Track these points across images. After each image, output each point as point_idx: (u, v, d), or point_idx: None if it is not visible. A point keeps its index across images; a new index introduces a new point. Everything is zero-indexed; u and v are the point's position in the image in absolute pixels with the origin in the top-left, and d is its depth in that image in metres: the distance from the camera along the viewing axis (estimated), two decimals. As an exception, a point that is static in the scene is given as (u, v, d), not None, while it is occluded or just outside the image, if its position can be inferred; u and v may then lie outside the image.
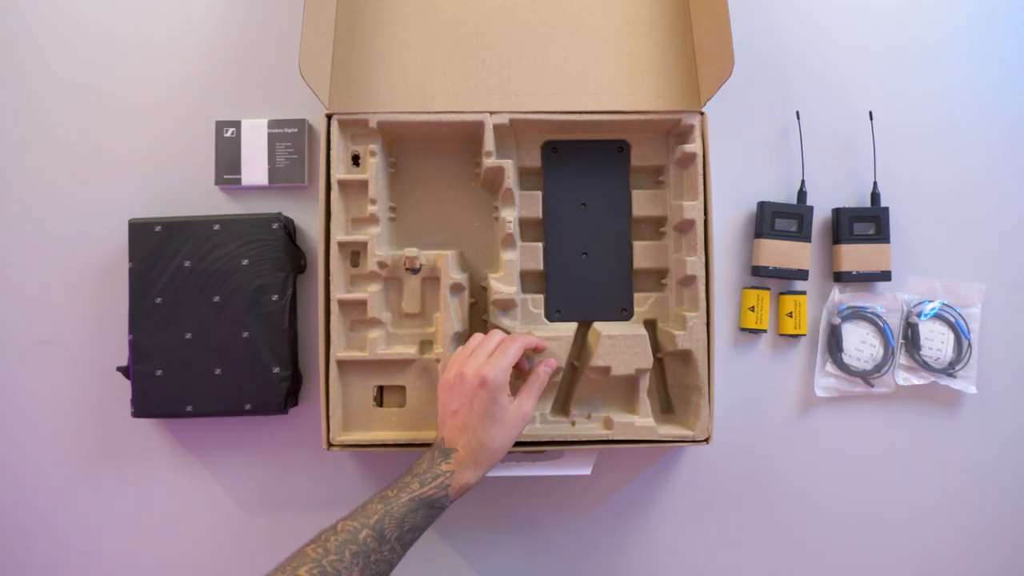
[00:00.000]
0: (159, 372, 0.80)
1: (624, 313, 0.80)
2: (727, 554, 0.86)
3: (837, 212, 0.85)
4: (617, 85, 0.81)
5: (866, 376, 0.85)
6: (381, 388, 0.80)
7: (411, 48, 0.81)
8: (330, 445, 0.76)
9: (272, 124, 0.85)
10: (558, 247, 0.81)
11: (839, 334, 0.85)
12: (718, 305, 0.85)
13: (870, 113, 0.86)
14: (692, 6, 0.83)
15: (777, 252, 0.84)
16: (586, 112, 0.79)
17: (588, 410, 0.81)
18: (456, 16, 0.82)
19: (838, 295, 0.86)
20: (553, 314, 0.81)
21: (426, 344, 0.81)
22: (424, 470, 0.67)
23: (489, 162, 0.79)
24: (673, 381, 0.83)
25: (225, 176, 0.85)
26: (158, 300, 0.80)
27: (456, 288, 0.79)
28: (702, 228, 0.78)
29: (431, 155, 0.84)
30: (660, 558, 0.86)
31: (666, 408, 0.83)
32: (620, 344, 0.77)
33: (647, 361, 0.77)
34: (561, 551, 0.86)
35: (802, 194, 0.85)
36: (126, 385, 0.81)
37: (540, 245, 0.82)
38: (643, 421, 0.77)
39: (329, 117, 0.78)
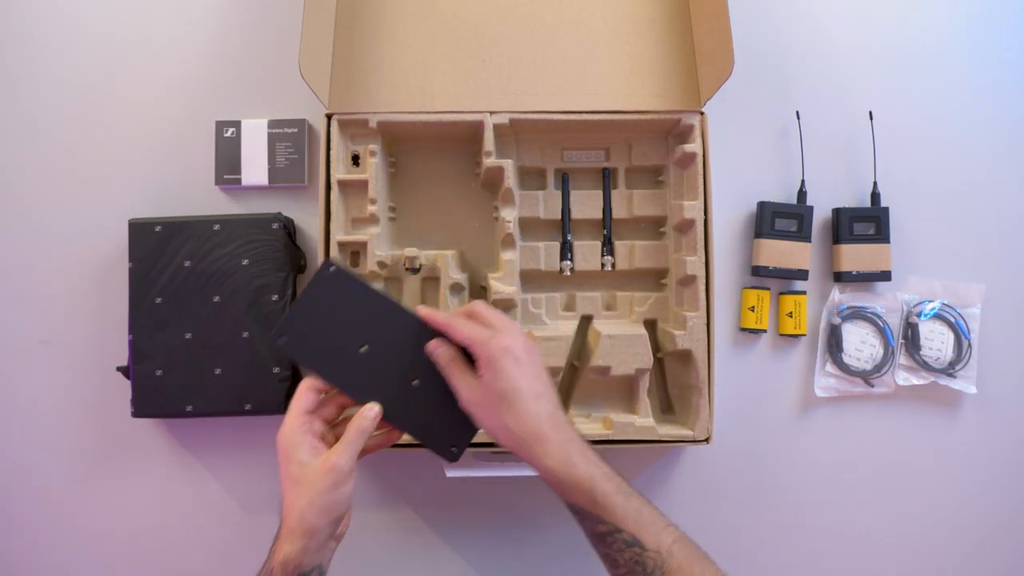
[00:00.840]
0: (159, 372, 0.80)
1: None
2: (727, 554, 0.85)
3: (837, 212, 0.85)
4: (617, 85, 0.81)
5: (866, 376, 0.85)
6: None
7: (411, 48, 0.81)
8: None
9: (272, 124, 0.85)
10: (390, 397, 0.62)
11: (839, 334, 0.85)
12: (718, 305, 0.84)
13: (870, 113, 0.86)
14: (692, 6, 0.83)
15: (777, 252, 0.84)
16: (586, 112, 0.79)
17: (588, 410, 0.81)
18: (456, 16, 0.82)
19: (838, 295, 0.86)
20: (451, 453, 0.65)
21: (426, 344, 0.80)
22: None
23: (489, 162, 0.79)
24: (673, 381, 0.83)
25: (225, 176, 0.85)
26: (158, 300, 0.80)
27: (456, 288, 0.79)
28: (702, 228, 0.78)
29: (431, 155, 0.84)
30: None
31: (666, 408, 0.83)
32: (620, 344, 0.77)
33: (647, 361, 0.77)
34: (561, 550, 0.86)
35: (802, 194, 0.85)
36: (126, 385, 0.81)
37: (541, 245, 0.82)
38: (643, 421, 0.77)
39: (329, 117, 0.78)
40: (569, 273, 0.82)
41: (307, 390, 0.62)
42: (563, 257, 0.82)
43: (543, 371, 0.61)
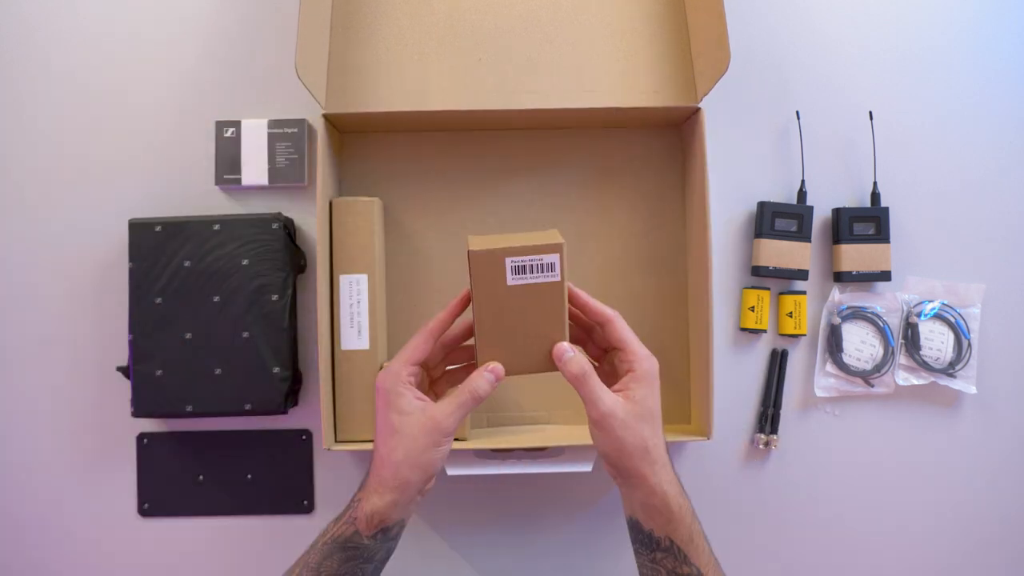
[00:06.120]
0: (159, 372, 0.80)
1: None
2: (726, 552, 0.86)
3: (837, 212, 0.85)
4: (613, 81, 0.81)
5: (866, 376, 0.85)
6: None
7: (407, 47, 0.81)
8: (330, 445, 0.76)
9: (272, 124, 0.85)
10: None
11: (839, 334, 0.85)
12: (718, 305, 0.84)
13: (870, 113, 0.86)
14: (687, 1, 0.82)
15: (777, 252, 0.84)
16: (583, 109, 0.79)
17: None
18: (451, 15, 0.82)
19: (838, 295, 0.86)
20: None
21: (426, 344, 0.80)
22: (342, 508, 0.61)
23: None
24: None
25: (225, 176, 0.85)
26: (158, 300, 0.80)
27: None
28: (701, 224, 0.78)
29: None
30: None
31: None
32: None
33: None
34: (562, 548, 0.86)
35: (802, 194, 0.85)
36: (126, 385, 0.81)
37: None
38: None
39: (326, 117, 0.78)
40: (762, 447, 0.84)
41: (426, 339, 0.60)
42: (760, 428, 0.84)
43: None
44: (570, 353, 0.58)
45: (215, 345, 0.80)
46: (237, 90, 0.87)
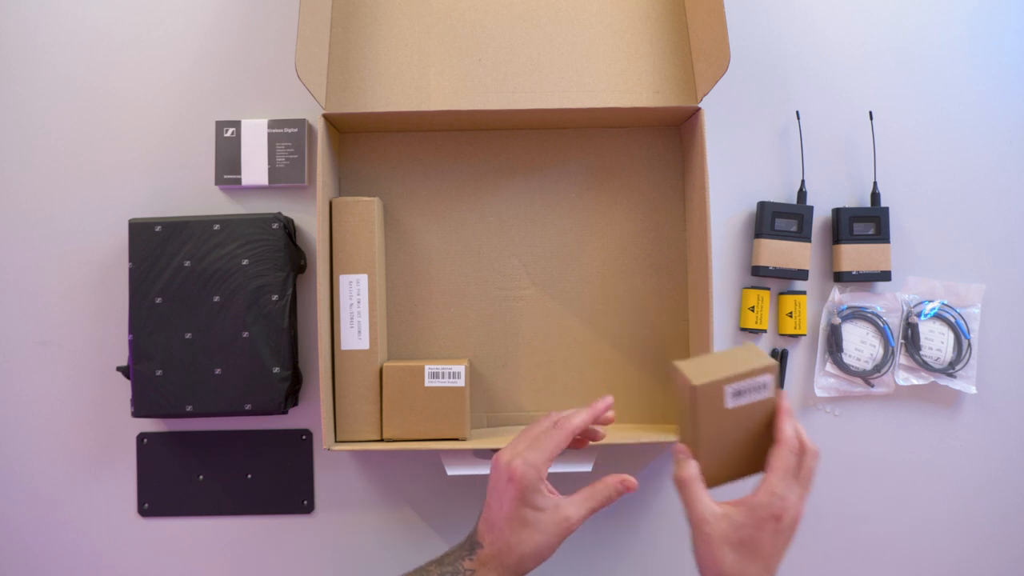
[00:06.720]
0: (159, 372, 0.80)
1: None
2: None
3: (837, 212, 0.85)
4: (613, 82, 0.81)
5: (866, 376, 0.85)
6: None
7: (407, 47, 0.81)
8: (330, 445, 0.77)
9: (272, 124, 0.85)
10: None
11: (839, 334, 0.85)
12: (718, 305, 0.84)
13: (870, 113, 0.86)
14: (687, 2, 0.82)
15: (777, 252, 0.84)
16: (583, 109, 0.79)
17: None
18: (452, 15, 0.82)
19: (838, 295, 0.86)
20: None
21: (426, 344, 0.81)
22: (447, 561, 0.63)
23: (488, 162, 0.79)
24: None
25: (225, 176, 0.85)
26: (158, 300, 0.80)
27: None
28: (701, 224, 0.78)
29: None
30: (661, 555, 0.86)
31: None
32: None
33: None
34: (562, 548, 0.85)
35: (802, 194, 0.85)
36: (126, 385, 0.81)
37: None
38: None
39: (326, 117, 0.78)
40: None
41: (567, 438, 0.63)
42: None
43: (786, 548, 0.60)
44: (689, 465, 0.60)
45: (215, 345, 0.80)
46: (237, 90, 0.87)
